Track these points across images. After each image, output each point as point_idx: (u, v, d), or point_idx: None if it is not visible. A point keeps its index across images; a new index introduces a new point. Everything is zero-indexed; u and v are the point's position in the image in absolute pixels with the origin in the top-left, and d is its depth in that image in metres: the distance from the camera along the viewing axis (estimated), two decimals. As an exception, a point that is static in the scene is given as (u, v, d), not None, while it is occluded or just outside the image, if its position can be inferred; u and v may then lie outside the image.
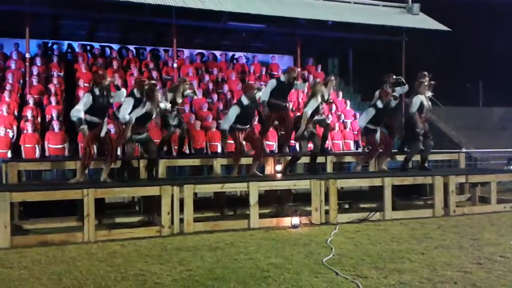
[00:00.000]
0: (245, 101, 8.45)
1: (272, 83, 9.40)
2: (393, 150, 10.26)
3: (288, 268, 5.18)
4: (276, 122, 9.83)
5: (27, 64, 13.34)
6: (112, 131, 9.92)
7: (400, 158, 10.22)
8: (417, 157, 10.19)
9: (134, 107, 7.94)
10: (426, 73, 9.84)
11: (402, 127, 11.02)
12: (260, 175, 8.82)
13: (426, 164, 9.79)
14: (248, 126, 8.69)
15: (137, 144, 8.61)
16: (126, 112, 7.83)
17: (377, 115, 9.31)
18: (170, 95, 9.18)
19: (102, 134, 7.72)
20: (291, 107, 14.99)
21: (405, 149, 10.32)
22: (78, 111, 7.40)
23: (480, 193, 9.84)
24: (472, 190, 9.92)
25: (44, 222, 7.63)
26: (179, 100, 9.36)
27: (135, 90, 8.18)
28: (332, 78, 9.83)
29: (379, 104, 9.30)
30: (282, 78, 9.50)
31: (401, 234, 6.98)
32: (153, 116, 8.21)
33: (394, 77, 10.27)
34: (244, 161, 9.19)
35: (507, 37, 21.89)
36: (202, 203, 8.82)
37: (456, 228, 7.38)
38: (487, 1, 22.01)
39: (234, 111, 8.46)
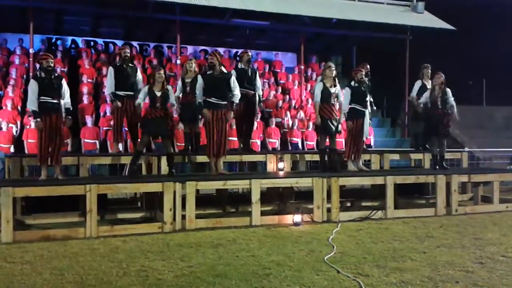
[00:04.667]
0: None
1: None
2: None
3: (289, 266, 5.19)
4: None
5: (30, 59, 13.37)
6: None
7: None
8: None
9: None
10: (428, 65, 10.18)
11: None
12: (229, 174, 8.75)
13: (443, 163, 9.50)
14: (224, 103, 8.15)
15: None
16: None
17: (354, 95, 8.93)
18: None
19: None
20: (293, 104, 15.01)
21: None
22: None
23: (482, 193, 9.82)
24: (475, 189, 9.89)
25: (47, 217, 7.65)
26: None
27: None
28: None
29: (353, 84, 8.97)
30: (239, 65, 9.31)
31: (403, 232, 6.97)
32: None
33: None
34: (248, 158, 9.20)
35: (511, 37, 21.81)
36: (204, 199, 8.83)
37: (458, 227, 7.37)
38: (492, 1, 21.92)
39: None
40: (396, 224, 7.68)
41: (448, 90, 9.42)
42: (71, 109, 7.74)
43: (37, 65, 7.80)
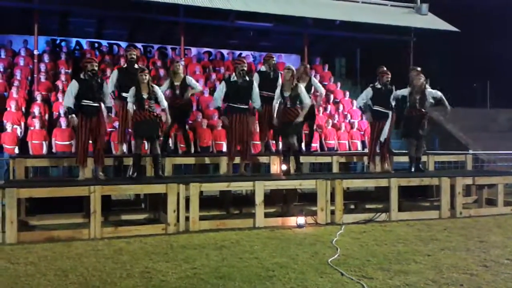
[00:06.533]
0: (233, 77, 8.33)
1: (256, 76, 9.14)
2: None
3: (293, 268, 5.18)
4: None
5: (35, 60, 13.43)
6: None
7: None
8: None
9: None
10: (419, 68, 9.83)
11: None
12: (248, 175, 8.71)
13: (420, 166, 9.47)
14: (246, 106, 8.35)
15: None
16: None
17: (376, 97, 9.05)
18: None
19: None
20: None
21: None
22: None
23: (487, 195, 9.78)
24: (479, 192, 9.86)
25: (51, 218, 7.67)
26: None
27: None
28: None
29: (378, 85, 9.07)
30: (263, 68, 9.39)
31: (407, 235, 6.96)
32: None
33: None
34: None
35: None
36: (207, 201, 8.82)
37: (462, 230, 7.35)
38: (496, 3, 21.89)
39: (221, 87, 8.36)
40: (400, 226, 7.66)
41: (429, 90, 9.29)
42: (111, 106, 8.12)
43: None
